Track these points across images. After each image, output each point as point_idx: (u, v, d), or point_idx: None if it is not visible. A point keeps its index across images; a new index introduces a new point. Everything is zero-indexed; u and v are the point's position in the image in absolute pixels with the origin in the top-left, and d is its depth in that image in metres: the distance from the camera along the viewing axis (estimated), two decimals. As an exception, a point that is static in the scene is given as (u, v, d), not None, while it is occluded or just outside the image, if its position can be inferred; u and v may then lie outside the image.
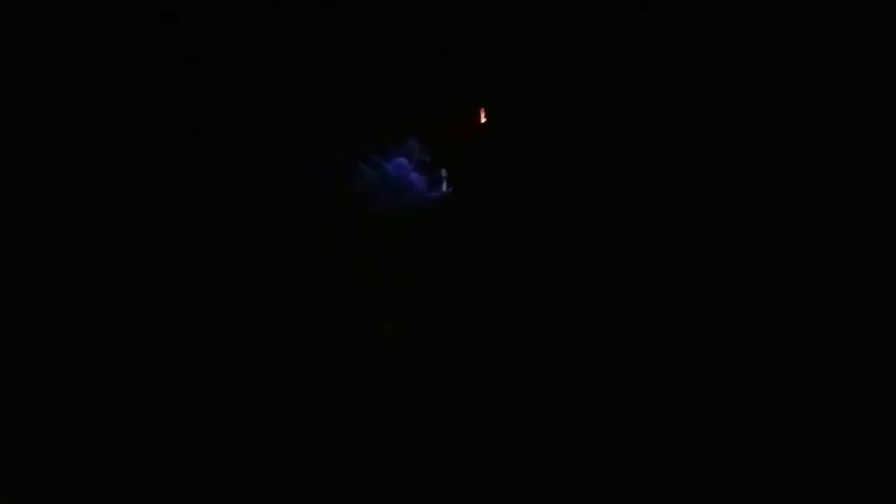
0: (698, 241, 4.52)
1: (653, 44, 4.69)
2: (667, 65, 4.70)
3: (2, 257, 4.31)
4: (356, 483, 4.18)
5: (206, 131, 4.57)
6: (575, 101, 4.72)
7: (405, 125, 4.80)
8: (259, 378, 4.32)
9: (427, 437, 4.28)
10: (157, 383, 4.27)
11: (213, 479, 4.15)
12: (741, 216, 4.57)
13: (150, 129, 4.54)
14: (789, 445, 4.13)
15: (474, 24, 4.75)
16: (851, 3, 4.56)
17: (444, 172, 4.96)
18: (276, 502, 4.15)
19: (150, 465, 4.14)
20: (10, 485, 3.99)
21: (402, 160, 4.87)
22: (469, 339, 4.45)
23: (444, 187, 4.94)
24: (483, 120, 4.94)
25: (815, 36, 4.58)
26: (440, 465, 4.22)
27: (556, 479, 4.16)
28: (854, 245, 4.40)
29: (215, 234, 4.47)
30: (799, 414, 4.20)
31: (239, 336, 4.37)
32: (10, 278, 4.30)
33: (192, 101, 4.57)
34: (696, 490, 4.12)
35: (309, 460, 4.20)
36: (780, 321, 4.37)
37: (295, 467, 4.19)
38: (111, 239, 4.41)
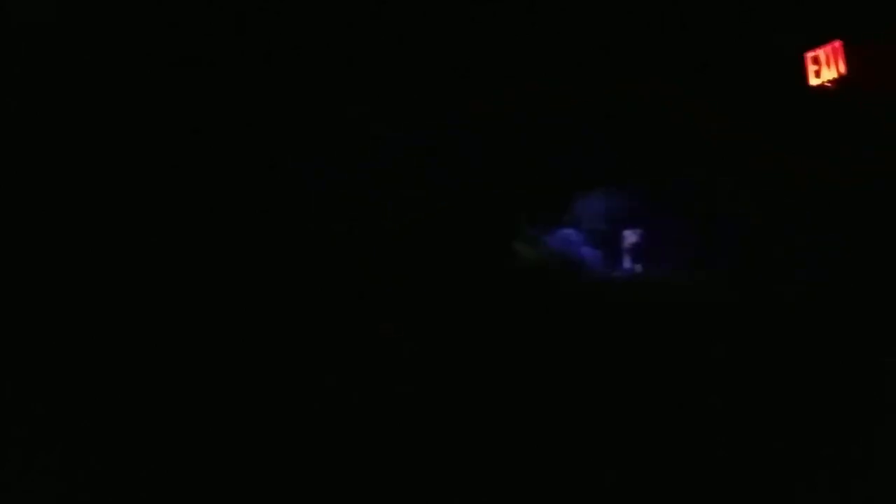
0: (699, 241, 4.52)
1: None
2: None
3: (2, 257, 4.31)
4: (356, 482, 4.18)
5: (206, 131, 4.57)
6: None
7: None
8: (259, 378, 4.32)
9: (427, 437, 4.28)
10: (157, 383, 4.27)
11: (213, 478, 4.14)
12: (743, 217, 4.57)
13: (150, 128, 4.54)
14: (789, 445, 4.13)
15: (475, 24, 4.74)
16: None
17: (628, 239, 3.77)
18: (276, 502, 4.15)
19: (150, 465, 4.14)
20: (10, 485, 3.98)
21: (570, 231, 3.87)
22: (469, 339, 4.45)
23: (628, 263, 3.82)
24: None
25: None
26: (440, 464, 4.22)
27: (555, 477, 4.16)
28: (854, 245, 4.40)
29: (215, 234, 4.47)
30: (799, 414, 4.20)
31: (239, 336, 4.37)
32: (11, 278, 4.30)
33: (192, 100, 4.57)
34: (696, 490, 4.12)
35: (309, 459, 4.20)
36: (780, 321, 4.37)
37: (295, 466, 4.18)
38: (111, 239, 4.41)
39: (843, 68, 4.80)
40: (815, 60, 5.11)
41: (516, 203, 4.07)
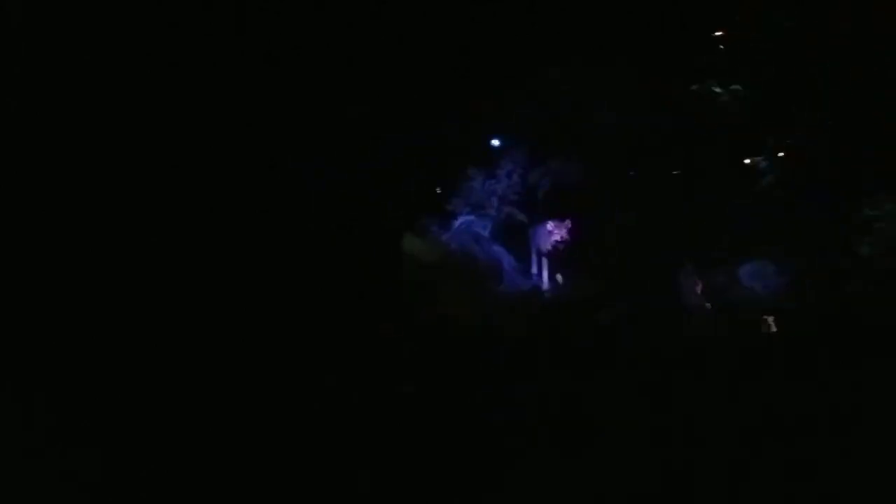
0: (701, 242, 4.53)
1: None
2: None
3: (2, 257, 4.30)
4: (356, 482, 4.18)
5: (206, 131, 4.56)
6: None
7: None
8: (259, 378, 4.32)
9: (427, 437, 4.28)
10: (158, 383, 4.27)
11: (214, 478, 4.14)
12: (742, 218, 4.58)
13: (150, 128, 4.54)
14: (789, 445, 4.14)
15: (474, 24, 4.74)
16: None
17: (550, 237, 2.77)
18: (276, 502, 4.15)
19: (150, 465, 4.14)
20: (10, 485, 3.98)
21: (471, 220, 2.77)
22: (469, 339, 4.45)
23: (543, 276, 2.79)
24: None
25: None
26: (440, 464, 4.22)
27: (555, 478, 4.16)
28: (853, 248, 4.41)
29: (215, 234, 4.47)
30: (799, 415, 4.20)
31: (239, 336, 4.37)
32: (11, 278, 4.30)
33: (193, 101, 4.56)
34: (696, 490, 4.12)
35: (309, 459, 4.20)
36: (781, 321, 4.38)
37: (295, 466, 4.19)
38: (111, 239, 4.41)
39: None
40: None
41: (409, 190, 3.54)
